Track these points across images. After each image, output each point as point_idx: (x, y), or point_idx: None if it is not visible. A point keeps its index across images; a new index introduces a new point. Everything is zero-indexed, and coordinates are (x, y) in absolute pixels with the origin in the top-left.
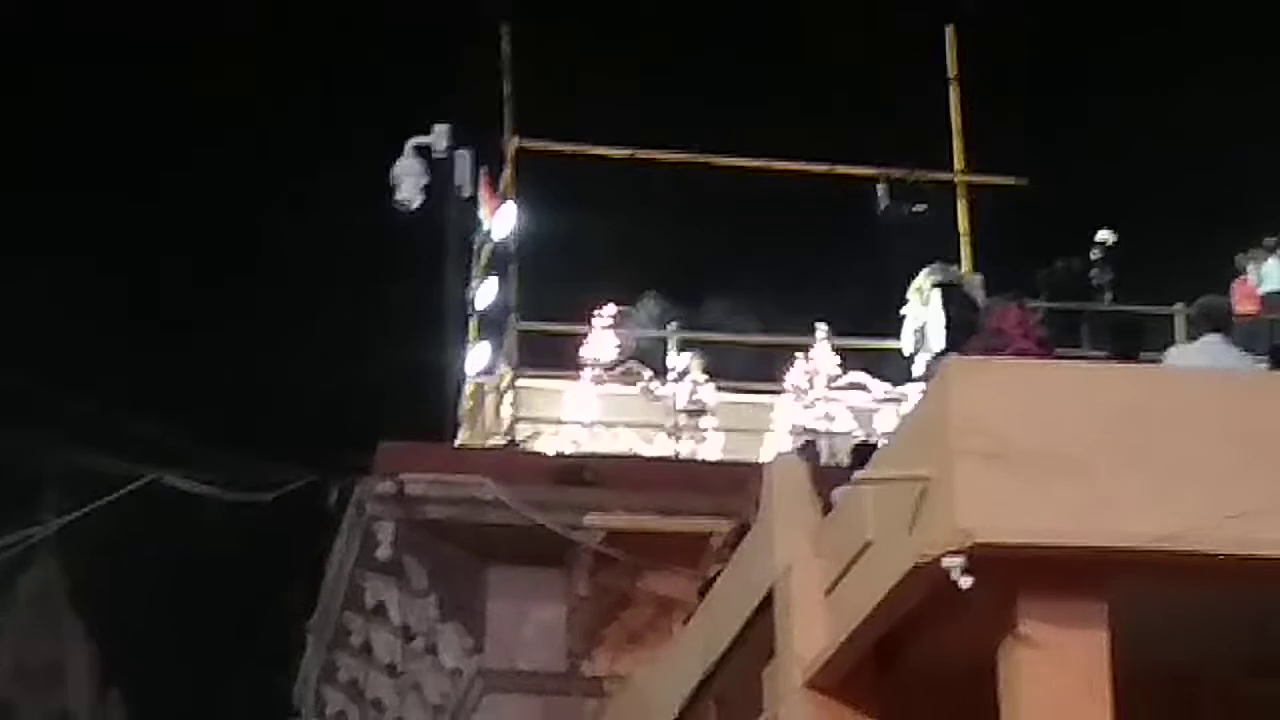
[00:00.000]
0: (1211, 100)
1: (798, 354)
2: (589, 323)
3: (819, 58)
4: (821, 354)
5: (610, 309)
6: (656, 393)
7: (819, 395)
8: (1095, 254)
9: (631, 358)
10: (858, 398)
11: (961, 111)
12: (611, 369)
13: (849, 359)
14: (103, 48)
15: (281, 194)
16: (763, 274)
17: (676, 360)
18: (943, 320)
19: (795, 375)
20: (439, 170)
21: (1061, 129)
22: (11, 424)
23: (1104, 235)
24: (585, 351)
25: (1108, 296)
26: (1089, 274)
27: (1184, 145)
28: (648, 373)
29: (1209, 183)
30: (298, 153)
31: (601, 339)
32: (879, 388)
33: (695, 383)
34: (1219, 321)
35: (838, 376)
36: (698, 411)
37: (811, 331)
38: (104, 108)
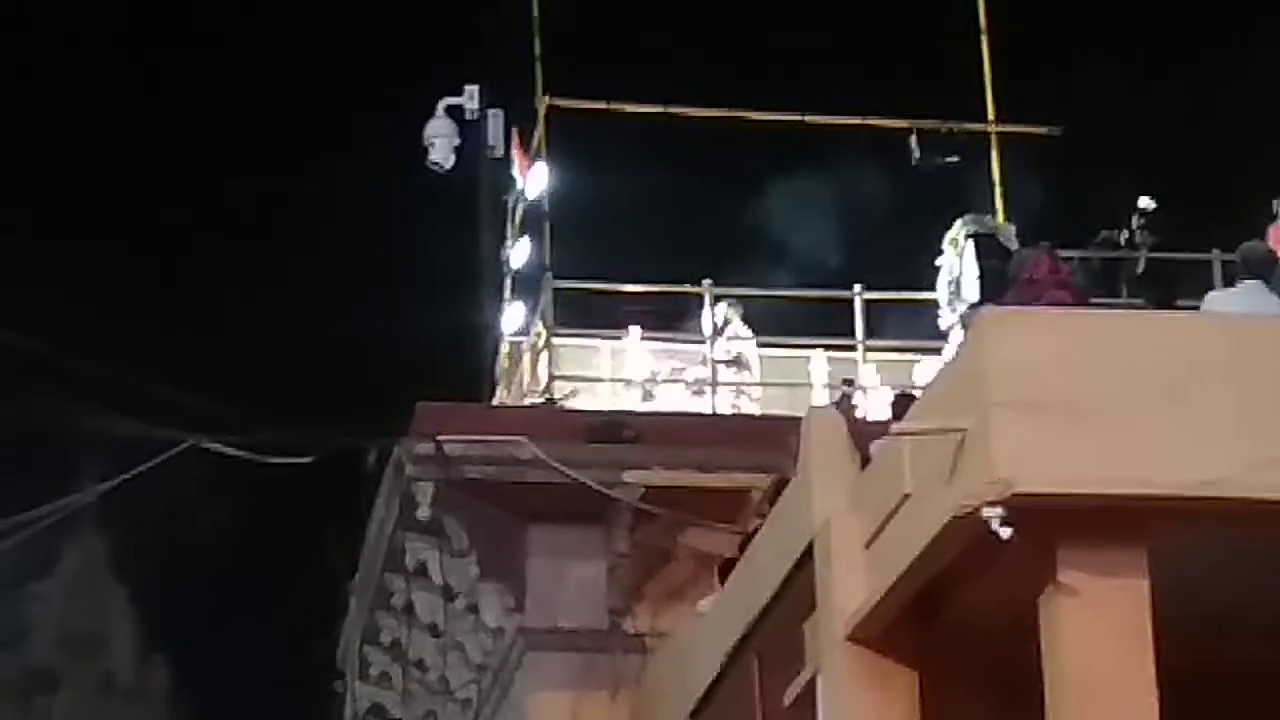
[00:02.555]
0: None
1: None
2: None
3: (849, 9)
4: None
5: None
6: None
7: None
8: (1137, 220)
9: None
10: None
11: (992, 62)
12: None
13: (887, 312)
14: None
15: (315, 158)
16: (795, 228)
17: (714, 313)
18: (977, 272)
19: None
20: (471, 131)
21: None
22: (51, 393)
23: (1145, 203)
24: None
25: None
26: (1134, 243)
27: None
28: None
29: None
30: (330, 116)
31: (637, 351)
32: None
33: (737, 334)
34: (1259, 267)
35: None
36: (735, 362)
37: (847, 286)
38: (131, 74)
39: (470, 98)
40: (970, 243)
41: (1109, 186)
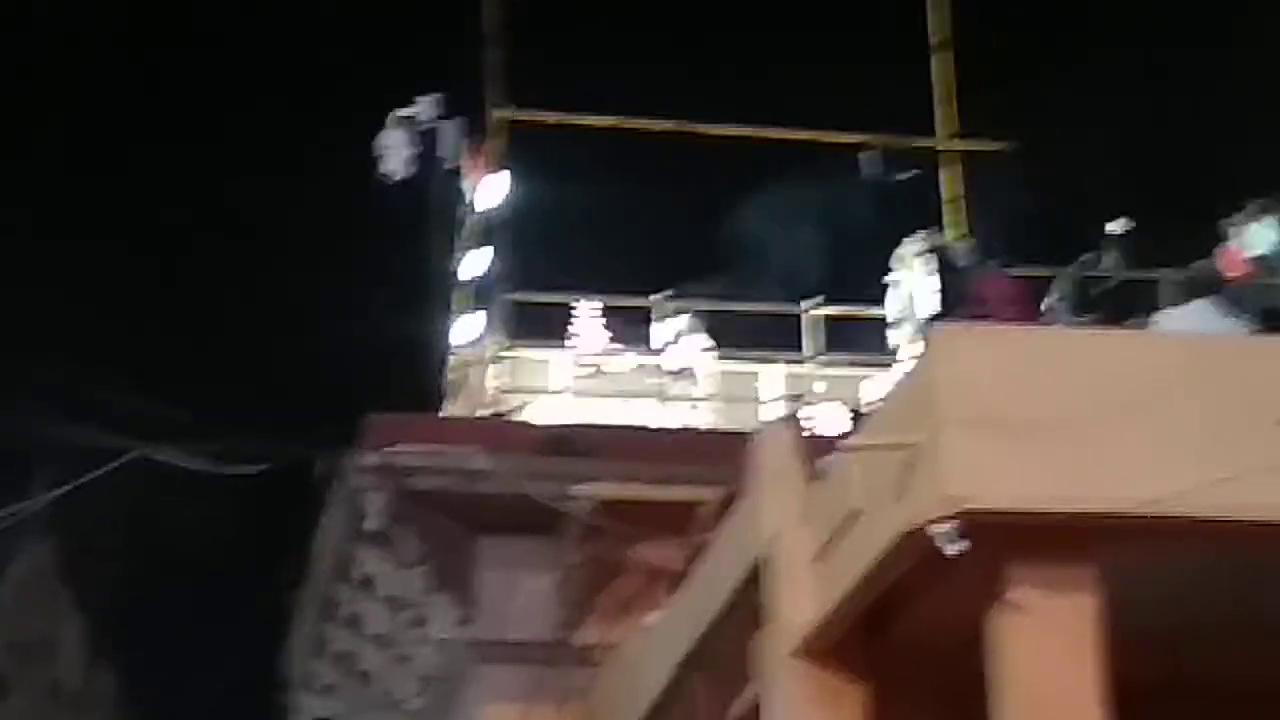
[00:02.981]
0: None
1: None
2: (575, 299)
3: (805, 23)
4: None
5: (585, 305)
6: (647, 359)
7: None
8: (1109, 245)
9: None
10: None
11: (947, 77)
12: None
13: (837, 327)
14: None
15: (265, 166)
16: (750, 241)
17: (674, 323)
18: (929, 288)
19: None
20: (425, 141)
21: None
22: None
23: (1115, 226)
24: (573, 345)
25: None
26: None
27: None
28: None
29: (1198, 147)
30: (281, 124)
31: (590, 330)
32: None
33: (695, 348)
34: (1210, 285)
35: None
36: (689, 372)
37: (798, 300)
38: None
39: (425, 108)
40: (922, 259)
41: (1065, 203)
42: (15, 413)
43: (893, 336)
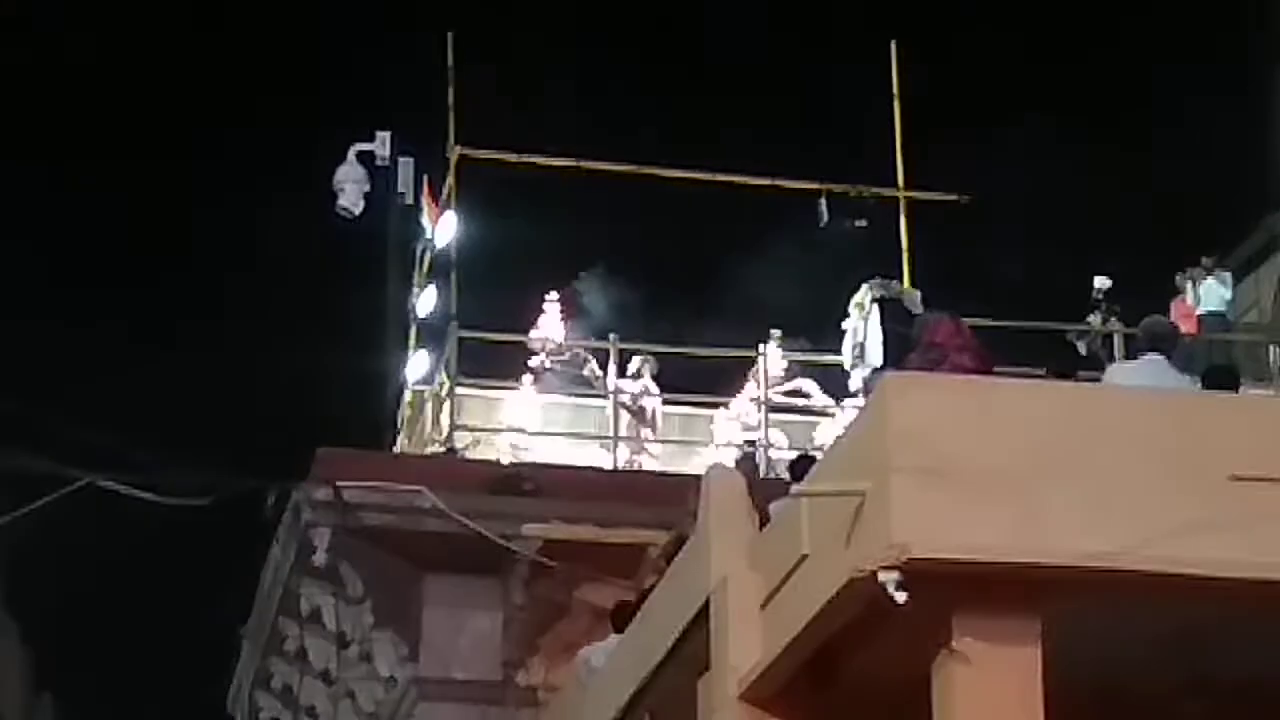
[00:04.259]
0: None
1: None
2: (530, 327)
3: (763, 72)
4: (771, 358)
5: (554, 295)
6: (601, 384)
7: (761, 405)
8: (1097, 303)
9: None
10: (797, 413)
11: (903, 127)
12: (560, 352)
13: (790, 371)
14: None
15: (221, 199)
16: (704, 286)
17: (630, 363)
18: (882, 336)
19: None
20: (381, 177)
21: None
22: None
23: (1101, 283)
24: (534, 333)
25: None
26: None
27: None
28: (594, 362)
29: (1146, 202)
30: (238, 158)
31: (550, 322)
32: (819, 395)
33: (647, 389)
34: (1160, 341)
35: (782, 380)
36: (639, 412)
37: (754, 345)
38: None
39: (382, 144)
40: (876, 307)
41: (1016, 254)
42: None
43: (849, 381)
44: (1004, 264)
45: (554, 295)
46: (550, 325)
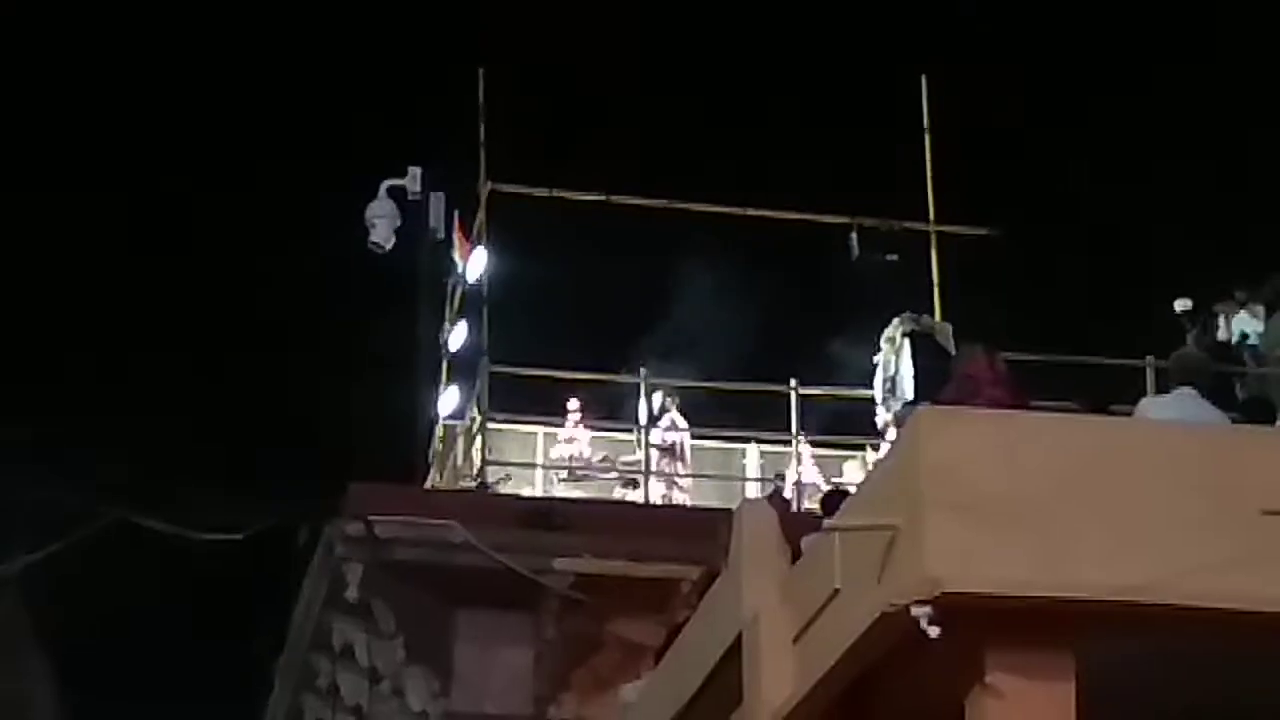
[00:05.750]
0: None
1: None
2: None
3: (794, 105)
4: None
5: (574, 404)
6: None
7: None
8: (1186, 325)
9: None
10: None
11: (934, 161)
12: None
13: (818, 409)
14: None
15: (254, 234)
16: (735, 321)
17: (653, 400)
18: (913, 370)
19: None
20: (413, 213)
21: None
22: None
23: (1182, 304)
24: (561, 447)
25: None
26: (1202, 346)
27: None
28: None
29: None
30: (271, 193)
31: (575, 433)
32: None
33: (674, 423)
34: (1193, 374)
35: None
36: (669, 452)
37: (785, 380)
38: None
39: (413, 179)
40: (907, 341)
41: (1048, 288)
42: None
43: (878, 416)
44: (1036, 297)
45: (574, 404)
46: (575, 434)
